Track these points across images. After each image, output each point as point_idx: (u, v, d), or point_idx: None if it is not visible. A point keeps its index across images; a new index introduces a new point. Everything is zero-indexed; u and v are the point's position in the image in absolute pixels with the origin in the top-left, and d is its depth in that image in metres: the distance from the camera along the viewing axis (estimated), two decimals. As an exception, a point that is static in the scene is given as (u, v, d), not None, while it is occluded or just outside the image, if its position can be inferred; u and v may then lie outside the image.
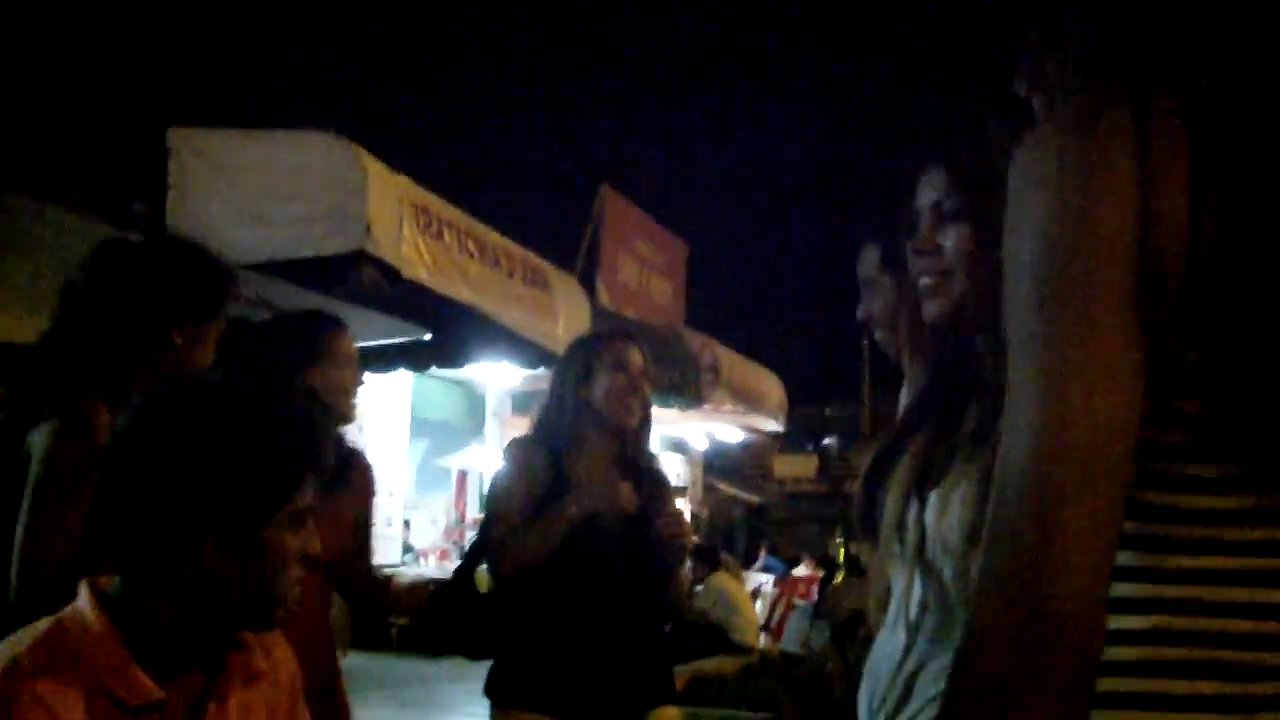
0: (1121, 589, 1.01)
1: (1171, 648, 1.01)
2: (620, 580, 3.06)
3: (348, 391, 2.93)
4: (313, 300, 6.58)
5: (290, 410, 1.69)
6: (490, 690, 3.09)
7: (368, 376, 9.61)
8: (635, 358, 3.22)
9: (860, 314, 2.61)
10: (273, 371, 2.82)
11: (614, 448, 3.23)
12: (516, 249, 8.29)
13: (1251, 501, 1.00)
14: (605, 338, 3.43)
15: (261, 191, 6.28)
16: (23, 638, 1.54)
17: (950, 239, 1.79)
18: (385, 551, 11.94)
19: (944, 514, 1.77)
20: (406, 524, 12.79)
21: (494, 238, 7.95)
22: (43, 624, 1.56)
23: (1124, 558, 1.01)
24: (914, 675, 1.83)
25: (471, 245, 7.47)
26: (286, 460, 1.61)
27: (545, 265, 8.81)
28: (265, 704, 1.72)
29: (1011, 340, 1.01)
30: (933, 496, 1.81)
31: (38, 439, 2.22)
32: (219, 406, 1.60)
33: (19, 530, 2.18)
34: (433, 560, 12.38)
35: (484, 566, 3.26)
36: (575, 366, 3.24)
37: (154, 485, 1.54)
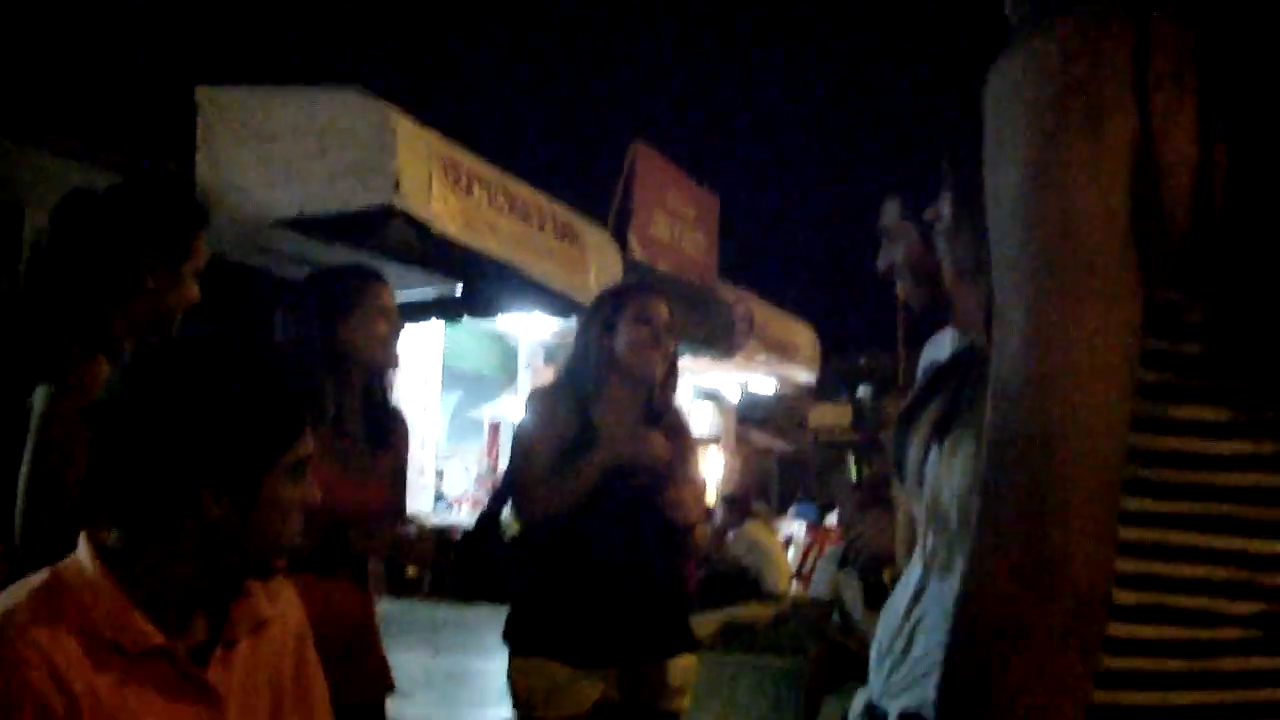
0: None
1: (1141, 592, 0.96)
2: (638, 530, 3.08)
3: (383, 342, 2.95)
4: (343, 255, 6.63)
5: (287, 361, 1.69)
6: (508, 636, 3.12)
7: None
8: (660, 311, 3.22)
9: (881, 264, 2.63)
10: (306, 325, 2.86)
11: (639, 399, 3.23)
12: (547, 202, 8.31)
13: (1249, 447, 0.94)
14: (630, 290, 3.43)
15: (290, 149, 6.31)
16: (19, 589, 1.53)
17: (945, 206, 1.81)
18: (418, 500, 12.06)
19: (950, 462, 1.81)
20: (439, 474, 12.90)
21: (524, 192, 7.96)
22: (39, 575, 1.55)
23: None
24: (920, 621, 1.86)
25: (502, 199, 7.49)
26: (283, 410, 1.61)
27: (576, 219, 8.82)
28: (272, 651, 1.72)
29: (996, 275, 0.95)
30: (946, 444, 1.85)
31: (36, 400, 2.25)
32: (213, 359, 1.60)
33: (19, 489, 2.21)
34: (465, 508, 12.49)
35: (510, 512, 3.27)
36: (600, 318, 3.24)
37: (149, 439, 1.53)
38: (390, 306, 2.98)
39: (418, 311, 9.86)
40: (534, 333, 12.23)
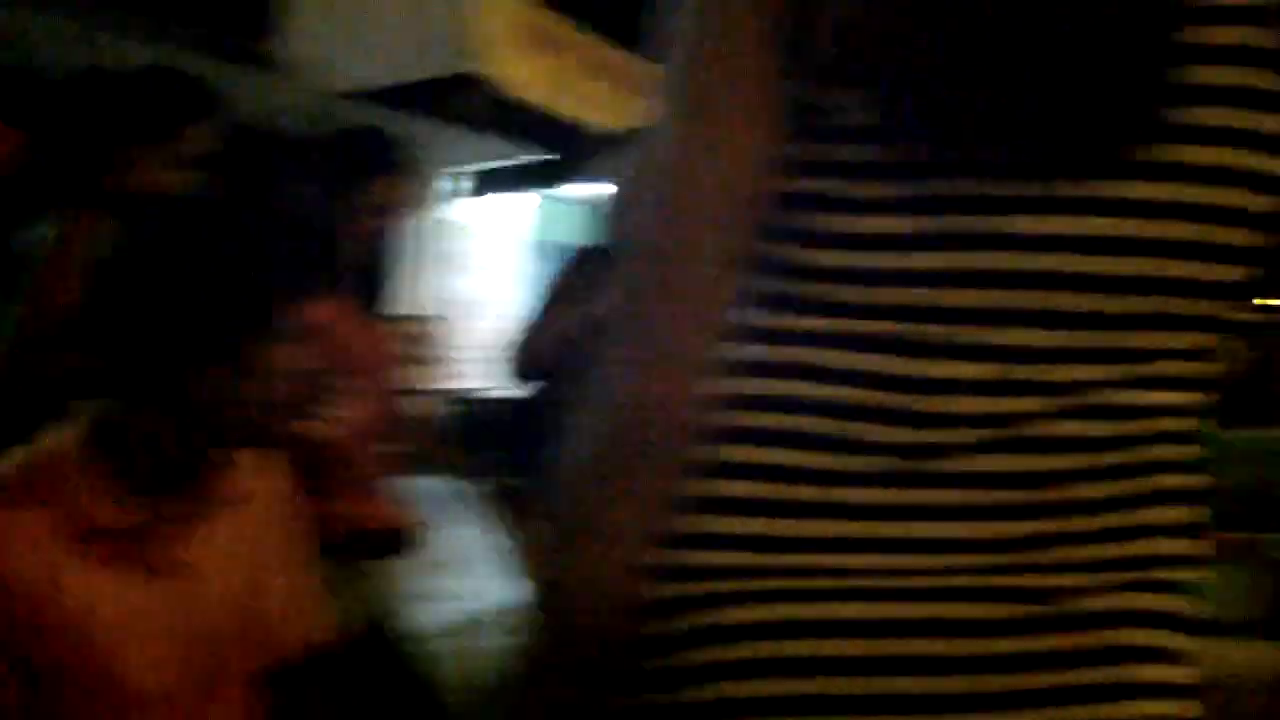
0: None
1: (775, 415, 0.86)
2: None
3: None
4: (422, 127, 6.52)
5: (290, 224, 1.64)
6: None
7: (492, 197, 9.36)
8: None
9: None
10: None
11: None
12: (641, 65, 8.08)
13: (897, 260, 0.82)
14: None
15: (368, 17, 6.21)
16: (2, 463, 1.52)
17: None
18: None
19: None
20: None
21: (616, 56, 7.74)
22: (21, 450, 1.53)
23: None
24: None
25: (592, 61, 7.30)
26: (275, 274, 1.55)
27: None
28: (255, 526, 1.67)
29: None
30: None
31: (33, 238, 2.48)
32: (208, 220, 1.55)
33: (18, 312, 2.44)
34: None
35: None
36: None
37: (136, 298, 1.49)
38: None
39: (504, 181, 9.75)
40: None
